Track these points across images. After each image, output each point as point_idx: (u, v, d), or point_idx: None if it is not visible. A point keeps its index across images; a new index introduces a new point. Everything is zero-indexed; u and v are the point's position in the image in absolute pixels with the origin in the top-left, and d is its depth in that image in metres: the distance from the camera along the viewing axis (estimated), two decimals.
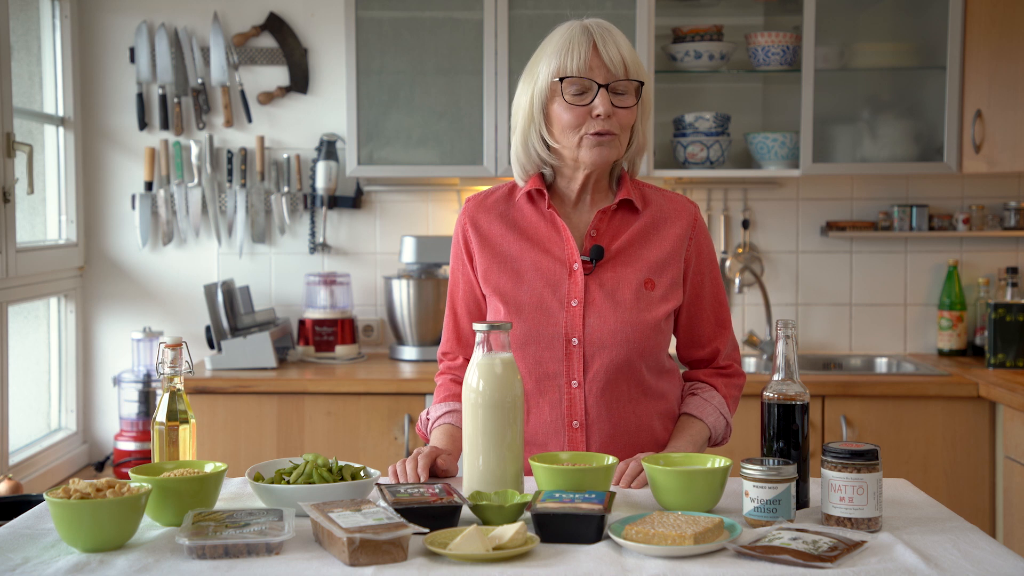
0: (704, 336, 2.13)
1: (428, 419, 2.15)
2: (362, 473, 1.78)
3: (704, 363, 2.17)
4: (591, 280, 2.02)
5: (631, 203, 2.07)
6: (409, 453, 3.47)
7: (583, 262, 2.03)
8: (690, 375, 2.18)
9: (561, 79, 1.96)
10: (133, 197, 4.02)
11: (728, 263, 4.04)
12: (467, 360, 2.16)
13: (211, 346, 3.74)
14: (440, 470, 1.95)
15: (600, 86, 1.95)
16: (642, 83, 1.98)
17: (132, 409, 3.81)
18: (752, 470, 1.65)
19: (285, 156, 4.03)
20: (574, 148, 1.99)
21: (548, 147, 2.02)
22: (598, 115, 1.95)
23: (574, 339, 2.00)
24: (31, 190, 3.54)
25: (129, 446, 3.79)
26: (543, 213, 2.07)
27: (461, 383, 2.12)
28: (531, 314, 2.01)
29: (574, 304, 2.01)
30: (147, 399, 3.80)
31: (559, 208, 2.07)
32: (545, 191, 2.05)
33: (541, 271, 2.03)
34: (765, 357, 3.95)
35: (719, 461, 1.77)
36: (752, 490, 1.65)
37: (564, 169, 2.05)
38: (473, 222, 2.10)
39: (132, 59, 4.00)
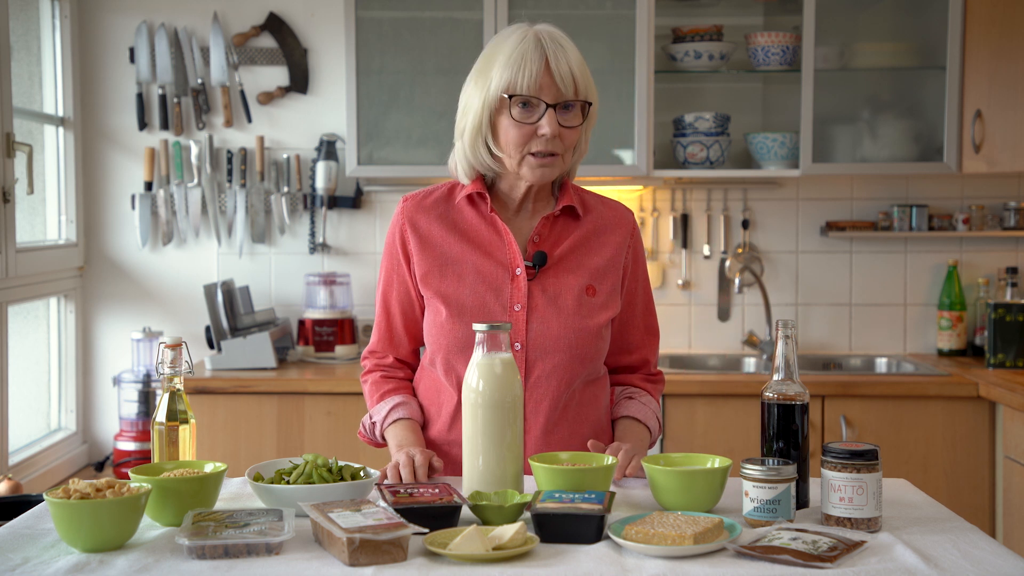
0: (633, 343, 2.14)
1: (373, 422, 2.08)
2: (362, 473, 1.78)
3: (630, 369, 2.17)
4: (534, 285, 2.01)
5: (573, 209, 2.07)
6: None
7: (526, 267, 2.02)
8: (623, 380, 2.17)
9: (510, 96, 1.94)
10: (133, 197, 4.02)
11: (728, 263, 4.04)
12: (397, 359, 2.15)
13: (211, 346, 3.74)
14: (435, 472, 1.91)
15: (548, 106, 1.94)
16: (590, 103, 1.98)
17: (132, 409, 3.81)
18: (752, 470, 1.65)
19: (285, 156, 4.03)
20: (516, 165, 1.98)
21: (492, 155, 2.01)
22: (543, 134, 1.94)
23: (517, 344, 2.00)
24: (31, 190, 3.54)
25: (129, 446, 3.79)
26: (484, 216, 2.05)
27: (392, 378, 2.12)
28: (473, 317, 1.99)
29: (517, 308, 2.00)
30: (147, 399, 3.80)
31: (500, 212, 2.06)
32: (486, 194, 2.04)
33: (483, 275, 2.02)
34: (765, 357, 3.95)
35: (719, 461, 1.77)
36: (752, 490, 1.65)
37: (507, 175, 2.04)
38: (412, 222, 2.07)
39: (132, 59, 4.00)
